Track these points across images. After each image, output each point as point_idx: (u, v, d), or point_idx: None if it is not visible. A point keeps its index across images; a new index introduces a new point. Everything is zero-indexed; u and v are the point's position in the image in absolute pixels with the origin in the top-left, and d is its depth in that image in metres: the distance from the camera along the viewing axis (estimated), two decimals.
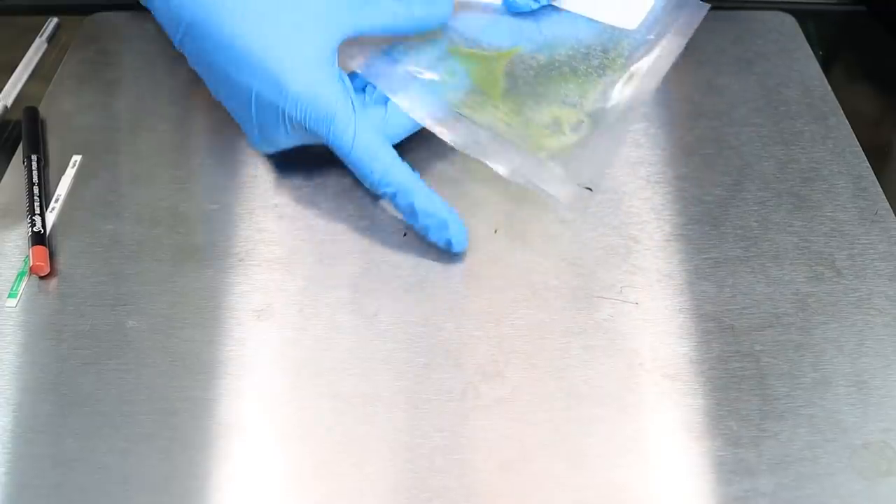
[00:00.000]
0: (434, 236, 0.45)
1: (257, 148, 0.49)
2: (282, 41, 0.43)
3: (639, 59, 0.49)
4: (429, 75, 0.48)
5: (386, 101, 0.47)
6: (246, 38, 0.43)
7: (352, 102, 0.44)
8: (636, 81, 0.48)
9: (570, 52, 0.49)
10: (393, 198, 0.45)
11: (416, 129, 0.47)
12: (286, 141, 0.46)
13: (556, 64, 0.48)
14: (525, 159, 0.45)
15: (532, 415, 0.39)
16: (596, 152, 0.46)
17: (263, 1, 0.43)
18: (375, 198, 0.48)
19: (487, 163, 0.45)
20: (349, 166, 0.45)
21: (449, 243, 0.44)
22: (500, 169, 0.45)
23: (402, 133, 0.47)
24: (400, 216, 0.47)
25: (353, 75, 0.48)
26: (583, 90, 0.47)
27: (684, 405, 0.39)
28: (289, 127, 0.45)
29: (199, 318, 0.43)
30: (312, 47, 0.44)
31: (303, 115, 0.44)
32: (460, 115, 0.47)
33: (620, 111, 0.47)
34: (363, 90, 0.48)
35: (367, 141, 0.44)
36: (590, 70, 0.48)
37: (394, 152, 0.45)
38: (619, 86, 0.48)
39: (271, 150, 0.48)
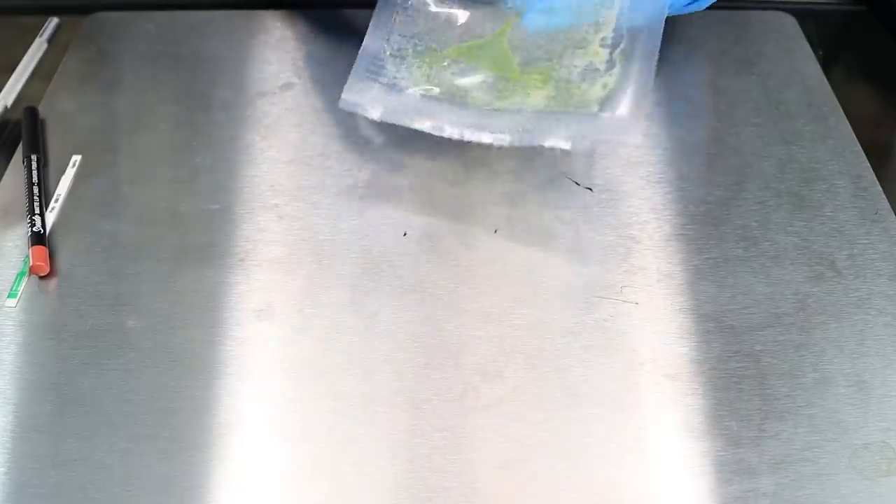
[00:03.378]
0: None
1: None
2: None
3: None
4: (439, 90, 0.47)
5: None
6: None
7: None
8: None
9: None
10: None
11: None
12: None
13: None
14: (581, 121, 0.45)
15: (532, 415, 0.39)
16: (637, 80, 0.45)
17: None
18: (375, 198, 0.48)
19: (545, 144, 0.44)
20: None
21: None
22: (560, 143, 0.44)
23: None
24: (400, 217, 0.47)
25: None
26: (597, 24, 0.47)
27: (684, 405, 0.39)
28: None
29: (199, 318, 0.43)
30: None
31: None
32: (495, 111, 0.46)
33: (639, 30, 0.46)
34: None
35: None
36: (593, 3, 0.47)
37: None
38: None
39: None
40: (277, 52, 0.58)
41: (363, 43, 0.49)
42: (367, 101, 0.47)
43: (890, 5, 0.62)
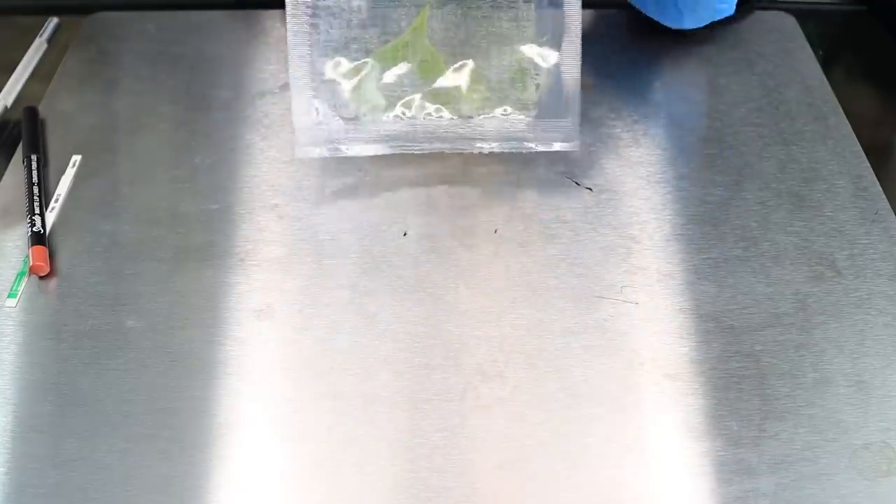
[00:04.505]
0: None
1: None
2: None
3: None
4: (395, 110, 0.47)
5: None
6: None
7: None
8: None
9: None
10: None
11: None
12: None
13: None
14: (518, 126, 0.46)
15: (532, 415, 0.39)
16: (568, 80, 0.46)
17: None
18: (375, 198, 0.48)
19: (482, 147, 0.46)
20: None
21: None
22: (497, 149, 0.46)
23: None
24: (400, 217, 0.47)
25: None
26: (516, 18, 0.47)
27: (684, 405, 0.39)
28: None
29: (199, 318, 0.43)
30: None
31: None
32: (439, 118, 0.47)
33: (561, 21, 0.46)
34: None
35: None
36: None
37: None
38: None
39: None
40: (277, 52, 0.58)
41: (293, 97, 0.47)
42: (320, 148, 0.48)
43: (890, 5, 0.62)
